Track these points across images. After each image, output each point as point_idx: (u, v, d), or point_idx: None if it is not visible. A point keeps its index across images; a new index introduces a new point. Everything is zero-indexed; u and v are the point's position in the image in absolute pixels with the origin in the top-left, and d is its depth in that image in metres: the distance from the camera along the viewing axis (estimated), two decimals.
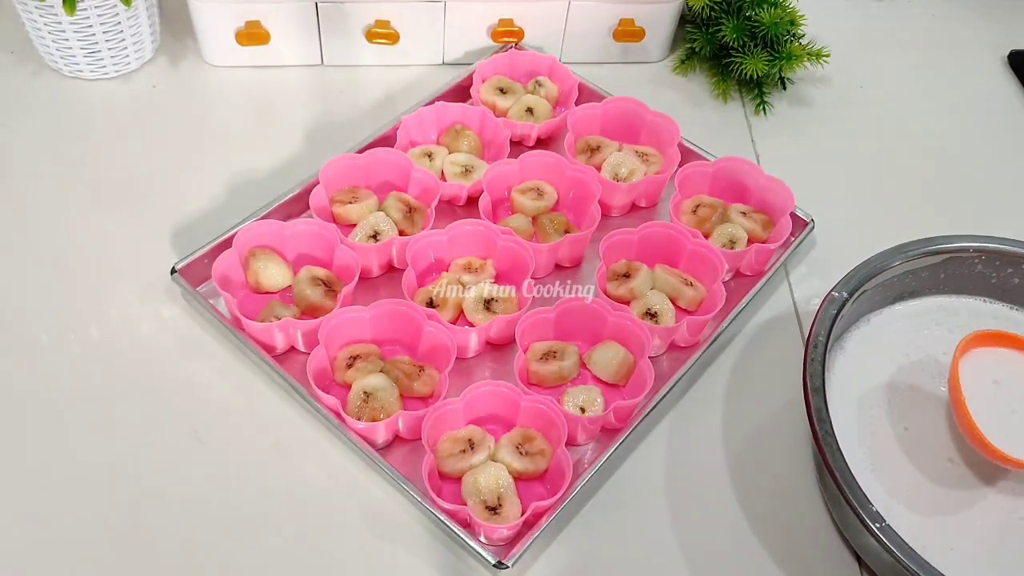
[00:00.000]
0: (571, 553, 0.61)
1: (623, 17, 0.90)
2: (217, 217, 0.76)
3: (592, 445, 0.65)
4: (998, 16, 1.07)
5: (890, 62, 1.00)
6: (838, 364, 0.66)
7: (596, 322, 0.69)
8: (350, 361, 0.65)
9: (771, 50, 0.89)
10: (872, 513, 0.54)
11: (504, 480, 0.60)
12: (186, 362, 0.68)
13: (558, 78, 0.87)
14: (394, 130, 0.79)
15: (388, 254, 0.72)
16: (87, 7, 0.80)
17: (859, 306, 0.67)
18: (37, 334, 0.68)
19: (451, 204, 0.78)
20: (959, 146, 0.90)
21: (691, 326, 0.69)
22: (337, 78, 0.90)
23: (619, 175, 0.78)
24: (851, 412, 0.64)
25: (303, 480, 0.62)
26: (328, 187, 0.74)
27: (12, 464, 0.62)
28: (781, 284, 0.77)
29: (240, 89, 0.88)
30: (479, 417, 0.64)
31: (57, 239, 0.74)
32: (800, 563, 0.61)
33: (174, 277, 0.69)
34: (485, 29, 0.90)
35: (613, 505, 0.63)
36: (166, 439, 0.64)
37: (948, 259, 0.69)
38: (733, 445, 0.67)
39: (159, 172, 0.80)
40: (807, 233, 0.77)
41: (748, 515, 0.63)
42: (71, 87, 0.86)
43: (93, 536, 0.59)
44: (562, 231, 0.74)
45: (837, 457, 0.56)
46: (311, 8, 0.85)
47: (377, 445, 0.63)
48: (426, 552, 0.60)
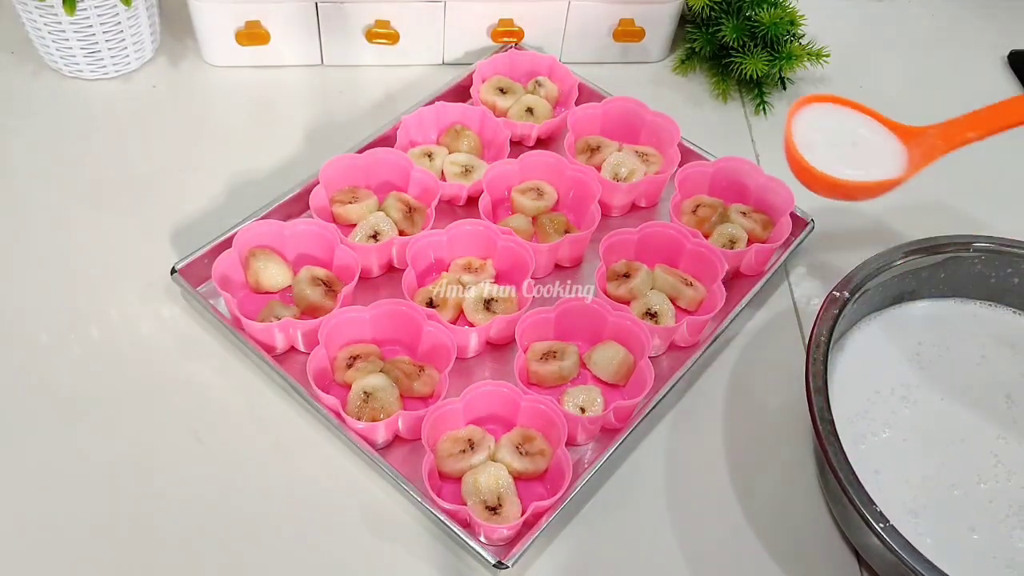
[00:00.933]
0: (571, 553, 0.61)
1: (623, 17, 0.90)
2: (217, 217, 0.76)
3: (592, 445, 0.65)
4: (998, 16, 1.07)
5: (890, 62, 1.00)
6: (839, 364, 0.66)
7: (596, 322, 0.69)
8: (350, 361, 0.65)
9: (771, 50, 0.89)
10: (875, 513, 0.54)
11: (504, 480, 0.60)
12: (186, 362, 0.68)
13: (558, 78, 0.87)
14: (394, 130, 0.79)
15: (388, 254, 0.72)
16: (87, 7, 0.80)
17: (859, 306, 0.67)
18: (37, 334, 0.68)
19: (451, 204, 0.78)
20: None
21: (691, 326, 0.69)
22: (337, 78, 0.90)
23: (619, 175, 0.78)
24: (852, 412, 0.64)
25: (303, 480, 0.62)
26: (328, 187, 0.74)
27: (12, 464, 0.62)
28: (781, 284, 0.77)
29: (240, 89, 0.88)
30: (479, 417, 0.64)
31: (57, 239, 0.74)
32: (800, 563, 0.61)
33: (174, 277, 0.69)
34: (485, 29, 0.90)
35: (613, 505, 0.63)
36: (166, 439, 0.64)
37: (948, 259, 0.69)
38: (733, 445, 0.67)
39: (159, 172, 0.80)
40: (807, 233, 0.77)
41: (748, 515, 0.63)
42: (71, 87, 0.86)
43: (93, 536, 0.59)
44: (562, 231, 0.74)
45: (840, 457, 0.56)
46: (311, 8, 0.85)
47: (377, 445, 0.63)
48: (426, 552, 0.60)
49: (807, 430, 0.67)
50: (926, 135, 0.66)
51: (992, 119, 0.65)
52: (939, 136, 0.65)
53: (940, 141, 0.65)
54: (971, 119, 0.65)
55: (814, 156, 0.64)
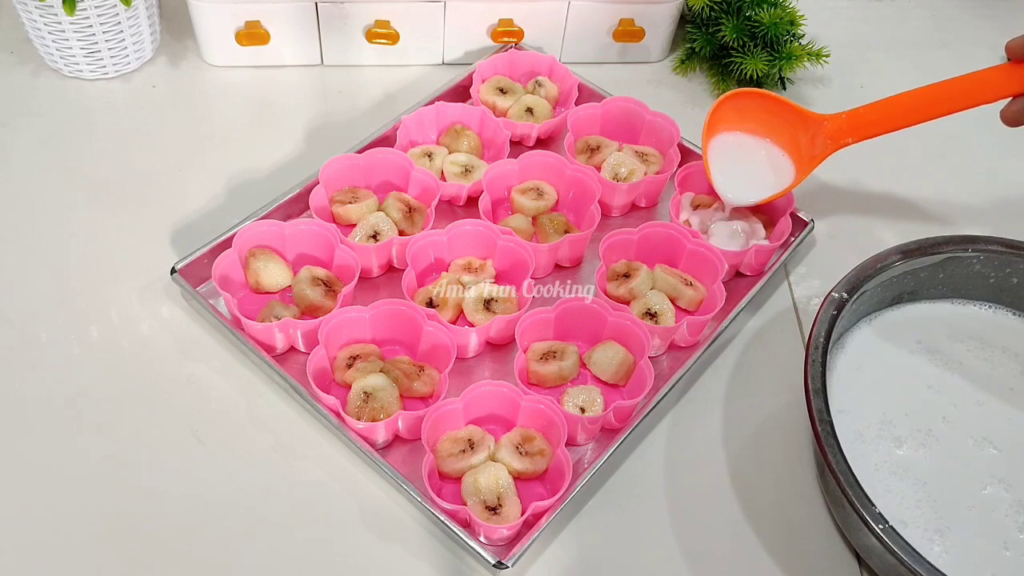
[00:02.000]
0: (571, 553, 0.61)
1: (623, 17, 0.90)
2: (217, 217, 0.76)
3: (592, 445, 0.65)
4: (998, 16, 1.07)
5: (890, 62, 1.00)
6: (839, 364, 0.66)
7: (596, 322, 0.69)
8: (350, 361, 0.65)
9: (771, 50, 0.89)
10: (875, 514, 0.54)
11: (504, 480, 0.60)
12: (186, 362, 0.68)
13: (558, 78, 0.87)
14: (394, 130, 0.79)
15: (388, 254, 0.72)
16: (87, 7, 0.80)
17: (859, 306, 0.67)
18: (37, 334, 0.68)
19: (451, 204, 0.78)
20: (959, 146, 0.90)
21: (691, 326, 0.69)
22: (337, 78, 0.90)
23: (619, 175, 0.78)
24: (851, 413, 0.64)
25: (303, 480, 0.62)
26: (328, 187, 0.74)
27: (11, 464, 0.62)
28: (781, 284, 0.77)
29: (240, 89, 0.88)
30: (479, 417, 0.64)
31: (57, 239, 0.74)
32: (800, 563, 0.61)
33: (174, 277, 0.69)
34: (485, 29, 0.90)
35: (613, 505, 0.63)
36: (166, 439, 0.64)
37: (947, 259, 0.69)
38: (733, 445, 0.67)
39: (159, 172, 0.80)
40: (807, 233, 0.77)
41: (748, 515, 0.63)
42: (71, 87, 0.86)
43: (92, 536, 0.59)
44: (562, 231, 0.74)
45: (839, 458, 0.56)
46: (311, 8, 0.85)
47: (377, 445, 0.63)
48: (426, 552, 0.60)
49: (807, 430, 0.67)
50: (822, 129, 0.74)
51: (880, 120, 0.73)
52: (829, 135, 0.74)
53: (829, 140, 0.74)
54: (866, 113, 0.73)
55: (725, 180, 0.75)
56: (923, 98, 0.71)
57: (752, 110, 0.77)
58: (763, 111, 0.77)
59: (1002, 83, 0.68)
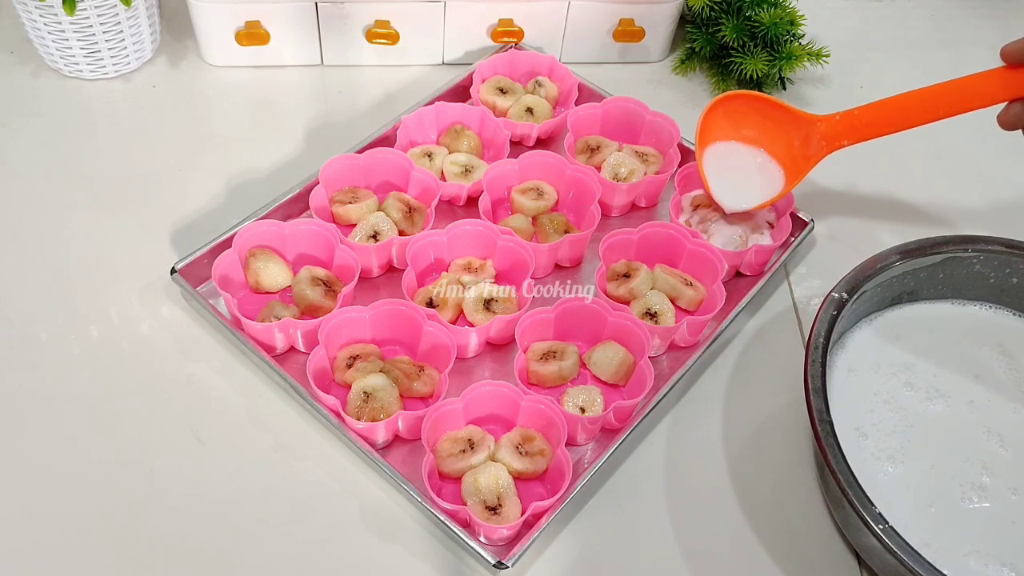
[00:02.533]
0: (571, 553, 0.61)
1: (623, 17, 0.90)
2: (217, 217, 0.76)
3: (592, 445, 0.65)
4: (998, 16, 1.07)
5: (890, 62, 1.00)
6: (838, 364, 0.66)
7: (596, 322, 0.69)
8: (350, 361, 0.65)
9: (771, 50, 0.89)
10: (875, 514, 0.54)
11: (504, 480, 0.60)
12: (186, 362, 0.68)
13: (558, 78, 0.87)
14: (394, 130, 0.79)
15: (388, 254, 0.72)
16: (87, 7, 0.80)
17: (859, 306, 0.67)
18: (37, 334, 0.68)
19: (451, 204, 0.78)
20: (959, 146, 0.90)
21: (691, 326, 0.69)
22: (337, 78, 0.90)
23: (619, 175, 0.78)
24: (851, 413, 0.64)
25: (303, 480, 0.62)
26: (328, 187, 0.74)
27: (11, 464, 0.62)
28: (781, 284, 0.77)
29: (240, 89, 0.88)
30: (479, 417, 0.64)
31: (57, 239, 0.74)
32: (800, 563, 0.61)
33: (174, 277, 0.69)
34: (485, 29, 0.90)
35: (613, 505, 0.63)
36: (166, 439, 0.64)
37: (947, 259, 0.69)
38: (733, 445, 0.67)
39: (159, 172, 0.80)
40: (807, 233, 0.78)
41: (748, 515, 0.63)
42: (71, 87, 0.86)
43: (92, 536, 0.59)
44: (562, 231, 0.74)
45: (839, 458, 0.56)
46: (311, 8, 0.85)
47: (377, 445, 0.63)
48: (426, 552, 0.60)
49: (807, 430, 0.67)
50: (815, 130, 0.74)
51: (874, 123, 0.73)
52: (823, 135, 0.74)
53: (824, 141, 0.74)
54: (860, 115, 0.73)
55: (721, 187, 0.76)
56: (918, 101, 0.71)
57: (744, 113, 0.76)
58: (755, 113, 0.76)
59: (997, 88, 0.67)
